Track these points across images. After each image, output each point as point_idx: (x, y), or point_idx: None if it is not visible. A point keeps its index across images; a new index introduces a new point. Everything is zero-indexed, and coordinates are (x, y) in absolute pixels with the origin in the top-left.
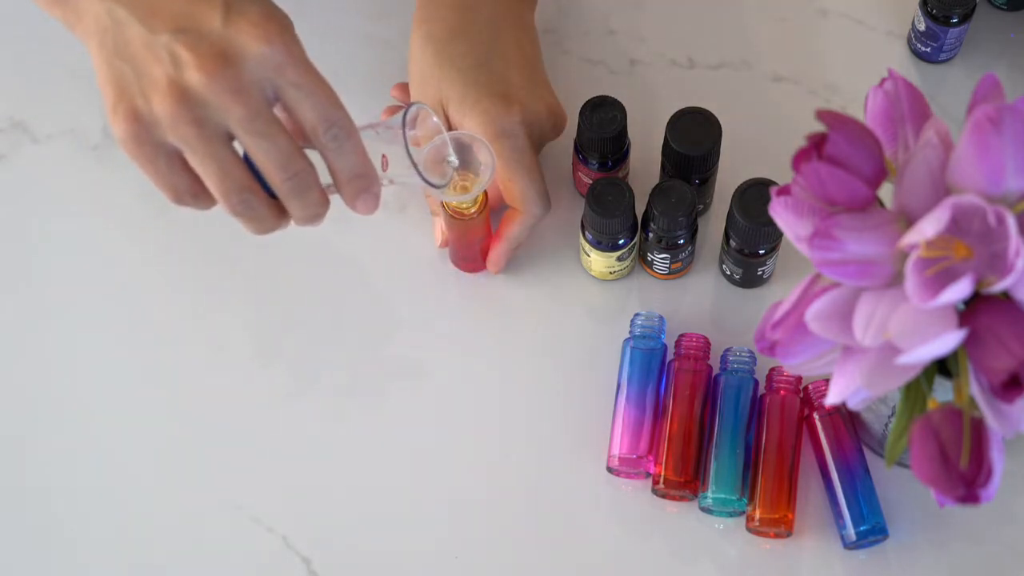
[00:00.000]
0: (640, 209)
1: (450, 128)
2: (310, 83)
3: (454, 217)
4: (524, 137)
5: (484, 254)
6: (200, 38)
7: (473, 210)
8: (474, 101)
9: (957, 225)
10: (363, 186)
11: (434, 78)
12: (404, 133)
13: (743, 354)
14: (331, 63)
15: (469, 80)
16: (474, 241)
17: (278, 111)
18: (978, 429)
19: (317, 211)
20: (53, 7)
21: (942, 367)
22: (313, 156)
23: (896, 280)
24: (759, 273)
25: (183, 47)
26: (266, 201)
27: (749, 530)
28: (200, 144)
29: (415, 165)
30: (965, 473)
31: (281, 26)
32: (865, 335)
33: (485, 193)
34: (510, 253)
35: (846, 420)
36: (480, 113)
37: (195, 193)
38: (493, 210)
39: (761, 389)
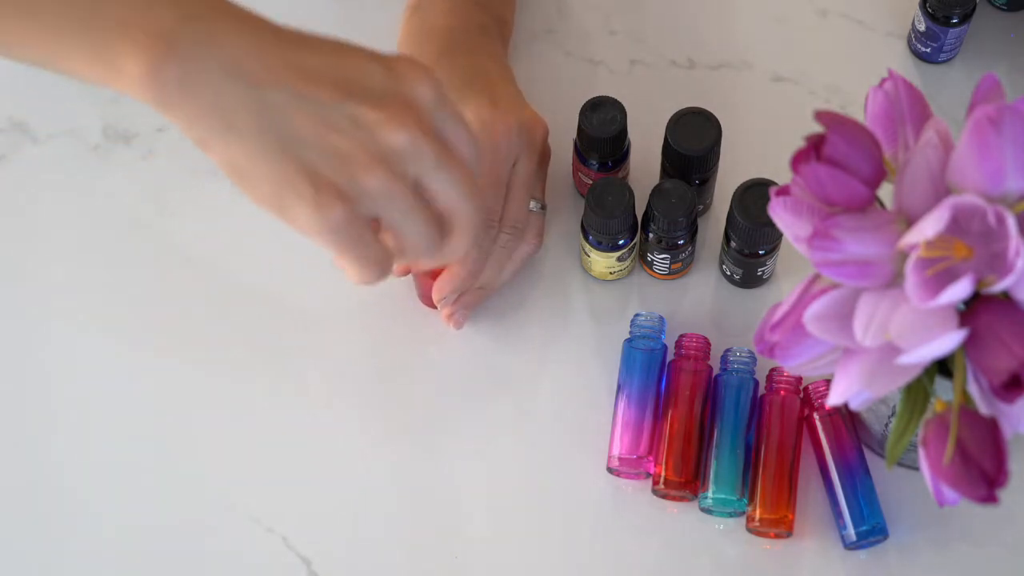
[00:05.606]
0: (640, 209)
1: None
2: (458, 112)
3: None
4: (508, 148)
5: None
6: (376, 95)
7: None
8: (465, 110)
9: (957, 225)
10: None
11: None
12: None
13: (743, 354)
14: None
15: (458, 96)
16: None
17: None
18: (995, 429)
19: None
20: (173, 102)
21: (943, 367)
22: None
23: (896, 280)
24: (759, 273)
25: (366, 109)
26: None
27: (749, 530)
28: (407, 202)
29: None
30: (987, 472)
31: (422, 62)
32: (865, 336)
33: None
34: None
35: (846, 420)
36: (474, 120)
37: (390, 259)
38: None
39: (761, 389)
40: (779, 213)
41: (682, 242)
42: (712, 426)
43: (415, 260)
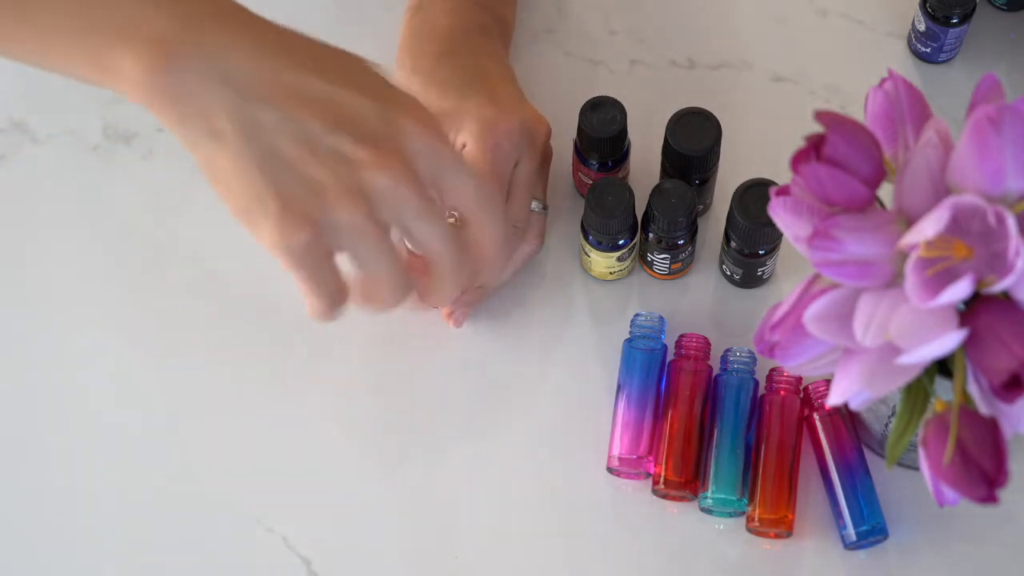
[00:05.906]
0: (640, 209)
1: None
2: (458, 160)
3: None
4: (513, 149)
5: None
6: (365, 135)
7: None
8: (467, 110)
9: (957, 225)
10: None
11: (424, 102)
12: None
13: (743, 354)
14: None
15: (459, 96)
16: None
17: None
18: (995, 429)
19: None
20: (160, 103)
21: (943, 367)
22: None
23: (896, 280)
24: (759, 273)
25: (353, 145)
26: None
27: (749, 530)
28: (376, 243)
29: None
30: (987, 472)
31: (421, 103)
32: (865, 336)
33: None
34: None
35: (846, 420)
36: (476, 119)
37: (344, 295)
38: None
39: (761, 389)
40: (779, 213)
41: (682, 242)
42: (712, 426)
43: (381, 305)
